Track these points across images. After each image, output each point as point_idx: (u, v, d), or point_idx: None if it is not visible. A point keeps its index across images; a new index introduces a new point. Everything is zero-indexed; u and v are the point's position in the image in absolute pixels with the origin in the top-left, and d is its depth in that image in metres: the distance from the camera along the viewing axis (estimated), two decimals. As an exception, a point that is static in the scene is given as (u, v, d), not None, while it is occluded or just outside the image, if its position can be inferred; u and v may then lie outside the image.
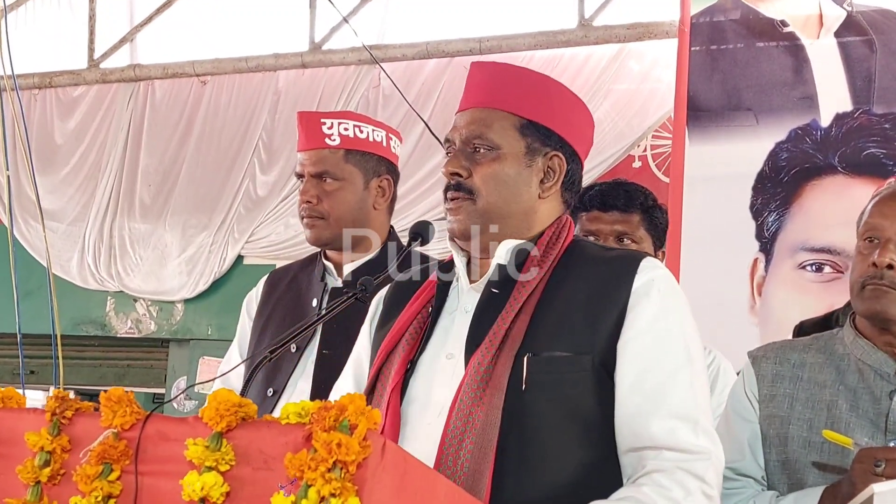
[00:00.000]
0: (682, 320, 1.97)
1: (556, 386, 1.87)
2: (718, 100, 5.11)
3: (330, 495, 1.33)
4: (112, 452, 1.48)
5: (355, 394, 1.40)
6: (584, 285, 1.95)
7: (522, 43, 6.17)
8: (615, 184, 2.96)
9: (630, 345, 1.89)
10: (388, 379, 1.97)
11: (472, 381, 1.88)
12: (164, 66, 7.12)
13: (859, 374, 2.17)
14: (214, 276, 6.78)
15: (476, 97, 2.06)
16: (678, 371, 1.90)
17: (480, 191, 2.00)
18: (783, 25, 5.07)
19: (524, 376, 1.87)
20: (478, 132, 2.01)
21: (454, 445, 1.84)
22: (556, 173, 2.05)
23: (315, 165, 2.85)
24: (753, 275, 4.94)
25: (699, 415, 1.88)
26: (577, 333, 1.90)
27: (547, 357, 1.89)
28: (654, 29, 5.89)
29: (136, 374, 7.45)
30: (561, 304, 1.93)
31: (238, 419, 1.44)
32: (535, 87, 2.07)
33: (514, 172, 2.01)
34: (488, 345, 1.90)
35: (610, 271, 1.96)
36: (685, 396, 1.88)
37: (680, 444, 1.83)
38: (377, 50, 6.33)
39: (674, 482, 1.80)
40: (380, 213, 2.91)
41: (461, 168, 2.01)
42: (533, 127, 2.03)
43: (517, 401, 1.86)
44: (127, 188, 7.05)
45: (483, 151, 2.01)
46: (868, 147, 4.80)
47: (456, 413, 1.86)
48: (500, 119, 2.02)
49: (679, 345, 1.93)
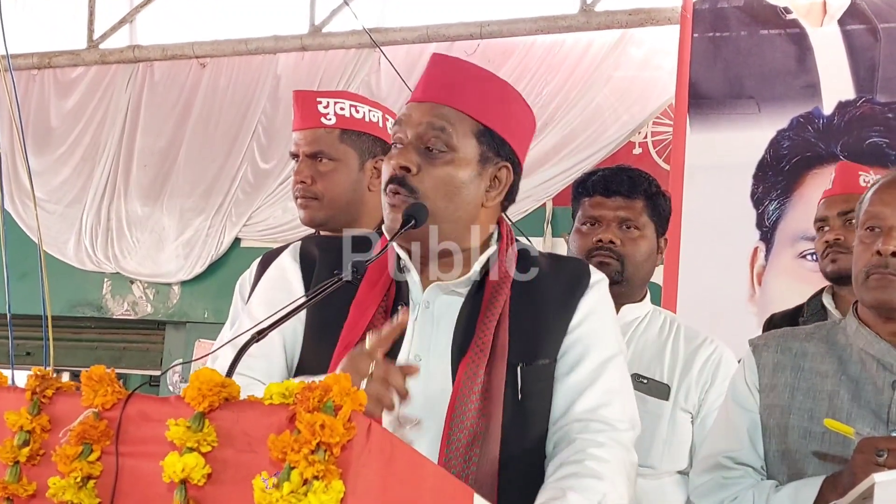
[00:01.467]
0: (612, 316, 2.11)
1: (545, 392, 1.96)
2: (720, 87, 5.08)
3: (313, 478, 1.30)
4: (92, 432, 1.45)
5: (340, 374, 1.36)
6: (549, 293, 2.01)
7: (523, 28, 6.15)
8: (618, 169, 2.92)
9: (572, 333, 2.00)
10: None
11: (466, 392, 1.89)
12: (163, 47, 7.09)
13: (861, 364, 2.15)
14: (211, 258, 6.76)
15: (436, 92, 2.00)
16: (611, 359, 2.01)
17: (427, 192, 1.94)
18: (786, 13, 5.04)
19: (519, 386, 1.92)
20: (437, 125, 1.96)
21: (459, 458, 1.84)
22: (502, 184, 2.03)
23: (310, 145, 2.82)
24: (753, 264, 4.93)
25: (626, 396, 2.02)
26: (552, 340, 1.99)
27: (538, 366, 1.96)
28: (656, 15, 5.85)
29: (132, 357, 7.44)
30: (531, 311, 1.99)
31: (221, 399, 1.41)
32: (495, 93, 2.03)
33: (464, 178, 1.97)
34: (478, 353, 1.92)
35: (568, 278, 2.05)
36: (615, 380, 2.00)
37: (604, 418, 1.94)
38: (377, 33, 6.30)
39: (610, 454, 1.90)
40: (375, 194, 2.88)
41: (411, 163, 1.95)
42: (489, 134, 1.99)
43: (515, 410, 1.91)
44: (125, 170, 7.03)
45: (436, 151, 1.96)
46: (870, 136, 4.77)
47: (456, 424, 1.86)
48: (459, 121, 1.97)
49: (613, 336, 2.06)
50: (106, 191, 7.02)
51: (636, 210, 2.83)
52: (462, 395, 1.88)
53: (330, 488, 1.29)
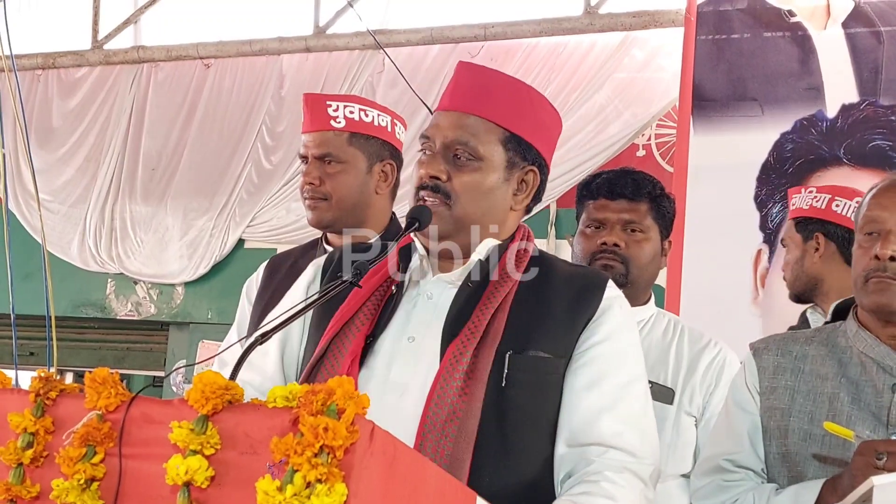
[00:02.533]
0: (635, 338, 2.08)
1: (533, 384, 1.96)
2: (724, 89, 5.08)
3: (316, 481, 1.31)
4: (96, 435, 1.46)
5: (343, 377, 1.37)
6: (557, 293, 2.03)
7: (527, 30, 6.15)
8: (623, 172, 2.93)
9: (593, 349, 1.99)
10: (344, 350, 1.98)
11: (451, 371, 1.92)
12: (167, 48, 7.10)
13: (861, 366, 2.15)
14: (215, 259, 6.76)
15: (463, 101, 2.05)
16: (634, 382, 2.01)
17: (459, 197, 2.01)
18: (790, 15, 5.04)
19: (505, 372, 1.93)
20: (463, 139, 2.02)
21: (435, 432, 1.87)
22: (529, 187, 2.09)
23: (319, 147, 2.85)
24: (757, 266, 4.92)
25: (647, 424, 2.00)
26: (556, 337, 1.98)
27: (529, 356, 1.96)
28: (660, 17, 5.85)
29: (136, 358, 7.44)
30: (535, 307, 2.00)
31: (224, 402, 1.41)
32: (521, 99, 2.08)
33: (492, 184, 2.04)
34: (469, 336, 1.95)
35: (581, 284, 2.05)
36: (637, 406, 1.99)
37: (626, 445, 1.93)
38: (381, 35, 6.30)
39: (625, 481, 1.89)
40: (381, 197, 2.90)
41: (441, 172, 2.01)
42: (515, 141, 2.05)
43: (497, 395, 1.92)
44: (128, 170, 7.03)
45: (464, 159, 2.02)
46: (874, 139, 4.77)
47: (436, 400, 1.89)
48: (486, 130, 2.03)
49: (635, 360, 2.04)
50: (110, 191, 7.02)
51: (640, 213, 2.83)
52: (446, 374, 1.91)
53: (333, 491, 1.30)
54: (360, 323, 2.01)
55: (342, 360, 1.97)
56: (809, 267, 3.28)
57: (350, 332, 2.00)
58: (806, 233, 3.30)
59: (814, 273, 3.27)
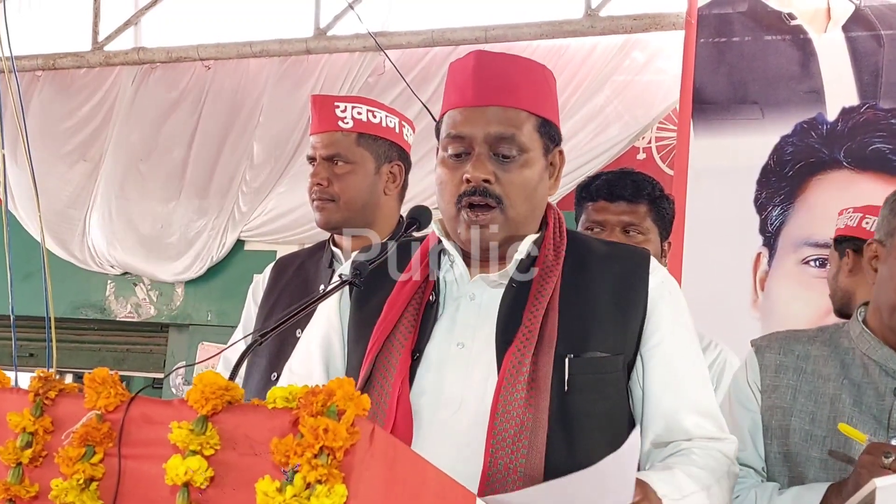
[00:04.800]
0: (689, 317, 2.04)
1: (596, 386, 1.90)
2: (724, 92, 5.07)
3: (316, 482, 1.30)
4: (95, 434, 1.45)
5: (343, 378, 1.37)
6: (602, 282, 1.96)
7: (528, 32, 6.14)
8: (622, 173, 2.92)
9: (659, 347, 1.95)
10: (392, 370, 1.90)
11: (512, 381, 1.85)
12: (167, 49, 7.09)
13: (864, 369, 2.14)
14: (214, 260, 6.75)
15: (492, 94, 1.95)
16: (696, 368, 1.99)
17: (511, 199, 1.93)
18: (790, 18, 5.03)
19: (566, 377, 1.87)
20: (508, 133, 1.93)
21: (505, 448, 1.81)
22: (557, 169, 2.04)
23: (327, 148, 2.85)
24: (756, 269, 4.91)
25: (716, 408, 2.00)
26: (609, 334, 1.92)
27: (588, 358, 1.90)
28: (661, 20, 5.85)
29: (135, 359, 7.43)
30: (583, 302, 1.94)
31: (224, 403, 1.41)
32: (543, 82, 2.02)
33: (537, 176, 1.97)
34: (524, 342, 1.88)
35: (623, 269, 1.98)
36: (704, 392, 1.99)
37: (709, 433, 1.94)
38: (382, 37, 6.30)
39: (710, 456, 1.90)
40: (390, 198, 2.90)
41: (489, 174, 1.92)
42: (546, 125, 1.99)
43: (560, 402, 1.86)
44: (128, 171, 7.02)
45: (513, 155, 1.93)
46: (874, 142, 4.76)
47: (501, 415, 1.83)
48: (524, 121, 1.95)
49: (693, 342, 2.01)
50: (110, 192, 7.01)
51: (640, 214, 2.83)
52: (508, 385, 1.84)
53: (333, 492, 1.30)
54: (402, 337, 1.93)
55: (391, 380, 1.89)
56: (842, 282, 3.39)
57: (394, 349, 1.92)
58: (840, 250, 3.44)
59: (846, 287, 3.37)
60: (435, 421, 1.87)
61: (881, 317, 2.13)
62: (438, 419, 1.87)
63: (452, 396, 1.88)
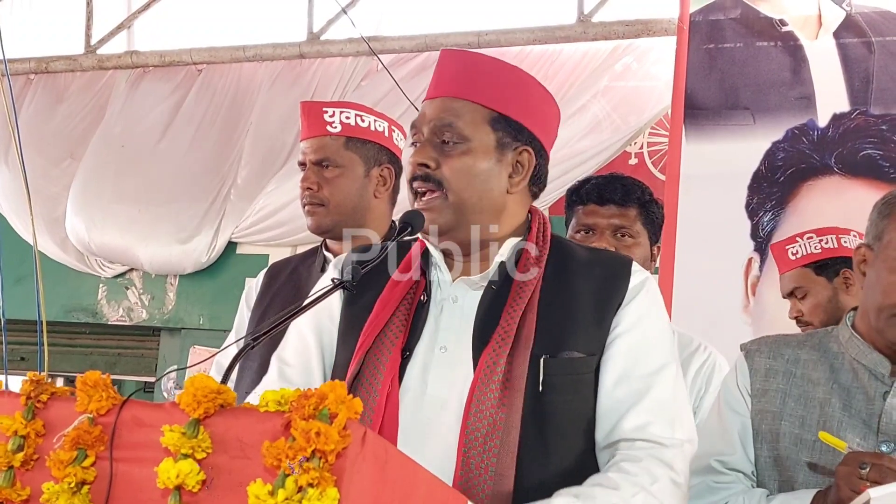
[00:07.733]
0: (665, 320, 2.04)
1: (570, 386, 1.91)
2: (716, 98, 5.09)
3: (308, 485, 1.31)
4: (87, 438, 1.45)
5: (336, 381, 1.37)
6: (583, 286, 1.98)
7: (521, 38, 6.15)
8: (612, 178, 2.94)
9: (619, 339, 1.94)
10: (381, 367, 1.93)
11: (486, 381, 1.87)
12: (160, 53, 7.09)
13: (853, 373, 2.15)
14: (205, 264, 6.74)
15: (447, 86, 2.02)
16: (662, 369, 1.95)
17: (451, 184, 1.97)
18: (782, 25, 5.05)
19: (541, 378, 1.88)
20: (447, 122, 1.98)
21: (477, 447, 1.83)
22: (525, 168, 2.04)
23: (316, 152, 2.87)
24: (748, 274, 4.92)
25: (678, 410, 1.95)
26: (586, 335, 1.93)
27: (564, 359, 1.91)
28: (653, 26, 5.86)
29: (127, 363, 7.42)
30: (563, 304, 1.95)
31: (216, 406, 1.41)
32: (507, 79, 2.05)
33: (484, 166, 1.99)
34: (500, 343, 1.90)
35: (605, 273, 1.99)
36: (665, 393, 1.94)
37: (652, 436, 1.89)
38: (375, 42, 6.31)
39: (641, 469, 1.84)
40: (381, 201, 2.91)
41: (429, 159, 1.98)
42: (504, 121, 2.01)
43: (535, 402, 1.87)
44: (121, 174, 7.00)
45: (452, 143, 1.98)
46: (865, 148, 4.78)
47: (474, 414, 1.85)
48: (471, 111, 1.99)
49: (661, 339, 1.99)
50: (102, 195, 7.00)
51: (630, 218, 2.84)
52: (482, 385, 1.86)
53: (324, 495, 1.30)
54: (393, 336, 1.96)
55: (380, 378, 1.92)
56: (846, 300, 3.39)
57: (385, 347, 1.95)
58: (829, 273, 3.45)
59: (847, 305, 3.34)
60: (419, 422, 1.89)
61: (869, 320, 2.14)
62: (423, 420, 1.89)
63: (436, 397, 1.91)
